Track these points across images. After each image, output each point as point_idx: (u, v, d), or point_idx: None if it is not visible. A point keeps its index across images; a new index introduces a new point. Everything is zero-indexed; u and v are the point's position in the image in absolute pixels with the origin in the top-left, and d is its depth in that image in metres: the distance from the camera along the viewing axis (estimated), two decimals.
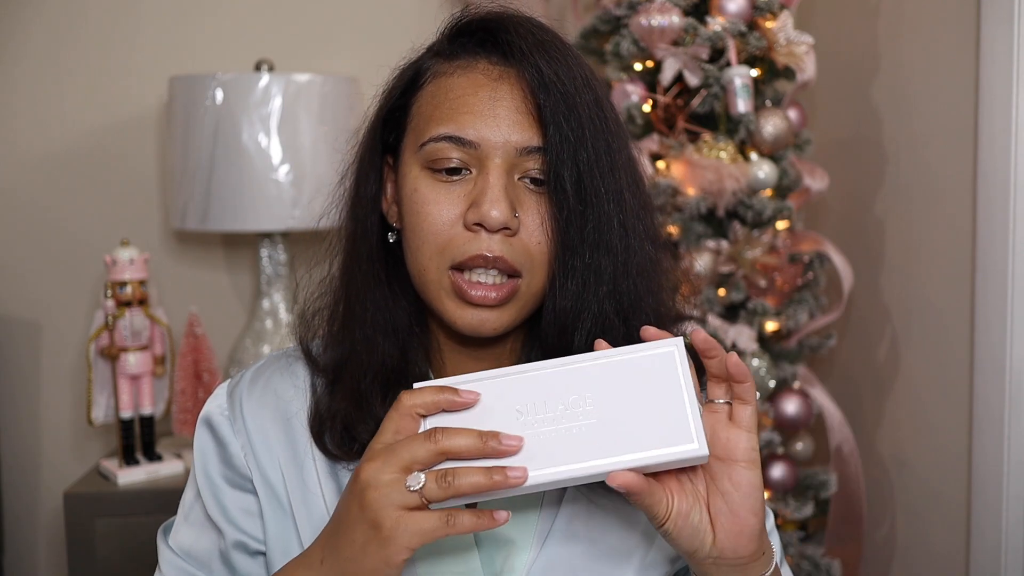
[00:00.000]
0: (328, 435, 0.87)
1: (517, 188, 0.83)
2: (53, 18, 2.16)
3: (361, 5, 2.27)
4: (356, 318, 0.87)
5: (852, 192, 2.13)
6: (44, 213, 2.19)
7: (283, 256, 2.09)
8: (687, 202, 1.77)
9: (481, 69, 0.84)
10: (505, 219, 0.80)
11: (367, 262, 0.88)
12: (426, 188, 0.83)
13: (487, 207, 0.80)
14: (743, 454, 0.74)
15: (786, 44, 1.82)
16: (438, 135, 0.82)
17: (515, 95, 0.83)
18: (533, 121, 0.82)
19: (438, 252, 0.82)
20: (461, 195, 0.82)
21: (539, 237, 0.83)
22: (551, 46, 0.83)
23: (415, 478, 0.70)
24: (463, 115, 0.82)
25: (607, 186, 0.82)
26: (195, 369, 1.97)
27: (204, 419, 0.92)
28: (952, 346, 1.81)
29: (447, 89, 0.84)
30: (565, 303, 0.83)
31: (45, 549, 2.23)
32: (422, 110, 0.86)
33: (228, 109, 1.91)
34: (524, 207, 0.83)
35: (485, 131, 0.82)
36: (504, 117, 0.82)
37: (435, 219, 0.82)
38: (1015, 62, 1.62)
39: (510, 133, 0.82)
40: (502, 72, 0.84)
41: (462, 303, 0.83)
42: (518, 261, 0.82)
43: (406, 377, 0.87)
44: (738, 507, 0.74)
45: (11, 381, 2.21)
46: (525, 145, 0.82)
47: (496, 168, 0.82)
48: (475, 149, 0.82)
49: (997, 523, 1.69)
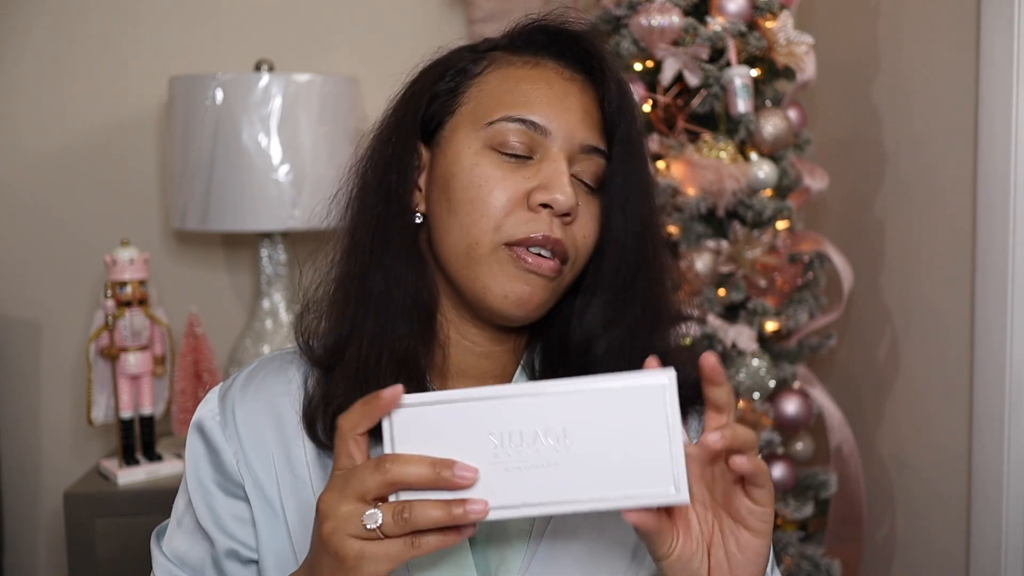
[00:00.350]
0: (320, 423, 0.86)
1: (573, 182, 0.86)
2: (53, 18, 2.16)
3: (361, 5, 2.27)
4: (373, 299, 0.86)
5: (852, 192, 2.13)
6: (44, 213, 2.19)
7: (283, 256, 2.09)
8: (687, 202, 1.77)
9: (552, 67, 0.88)
10: (571, 204, 0.83)
11: (398, 247, 0.87)
12: (489, 165, 0.85)
13: (557, 192, 0.83)
14: (756, 524, 0.72)
15: (786, 44, 1.82)
16: (510, 116, 0.84)
17: (586, 96, 0.87)
18: (598, 125, 0.87)
19: (494, 228, 0.83)
20: (525, 177, 0.84)
21: (587, 231, 0.86)
22: (613, 61, 0.88)
23: (372, 517, 0.68)
24: (535, 102, 0.85)
25: (648, 199, 0.88)
26: (195, 369, 1.97)
27: (196, 425, 0.91)
28: (952, 346, 1.81)
29: (517, 78, 0.87)
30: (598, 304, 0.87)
31: (45, 549, 2.23)
32: (486, 93, 0.87)
33: (228, 109, 1.91)
34: (579, 199, 0.86)
35: (555, 120, 0.85)
36: (574, 112, 0.86)
37: (497, 195, 0.84)
38: (1015, 62, 1.62)
39: (578, 128, 0.85)
40: (573, 76, 0.88)
41: (516, 273, 0.83)
42: (569, 248, 0.85)
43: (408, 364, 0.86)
44: (738, 569, 0.73)
45: (11, 381, 2.21)
46: (590, 144, 0.86)
47: (562, 157, 0.85)
48: (543, 136, 0.85)
49: (997, 523, 1.69)
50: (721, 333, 1.79)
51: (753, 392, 1.82)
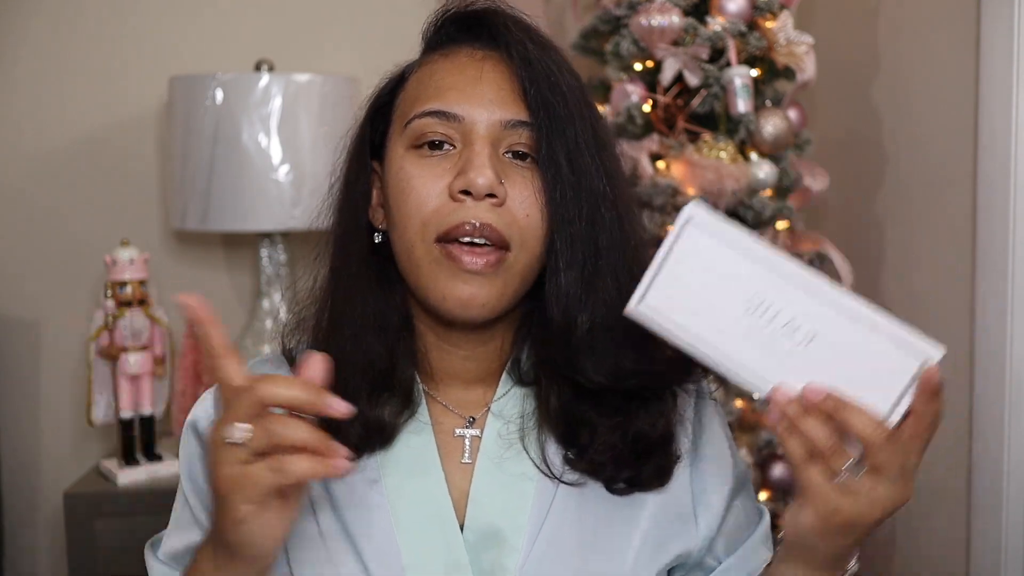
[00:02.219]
0: None
1: (503, 162, 0.83)
2: (53, 18, 2.16)
3: (361, 5, 2.27)
4: (346, 316, 0.87)
5: (852, 192, 2.13)
6: (44, 213, 2.19)
7: (283, 256, 2.09)
8: (687, 202, 1.77)
9: (465, 52, 0.87)
10: (490, 184, 0.80)
11: (357, 263, 0.88)
12: (411, 166, 0.84)
13: (473, 174, 0.80)
14: (823, 509, 0.73)
15: (786, 44, 1.82)
16: (422, 111, 0.84)
17: (499, 72, 0.85)
18: (518, 98, 0.84)
19: (423, 225, 0.82)
20: (446, 168, 0.83)
21: (528, 210, 0.83)
22: (534, 32, 0.86)
23: (237, 429, 0.66)
24: (447, 91, 0.84)
25: (596, 163, 0.84)
26: (195, 369, 1.97)
27: (190, 424, 0.91)
28: (952, 346, 1.80)
29: (431, 73, 0.86)
30: (569, 280, 0.83)
31: (45, 549, 2.23)
32: (406, 97, 0.87)
33: (228, 109, 1.91)
34: (511, 180, 0.83)
35: (469, 105, 0.83)
36: (489, 92, 0.83)
37: (420, 192, 0.82)
38: (1015, 62, 1.62)
39: (494, 107, 0.83)
40: (486, 54, 0.86)
41: (453, 273, 0.82)
42: (507, 232, 0.82)
43: (393, 378, 0.87)
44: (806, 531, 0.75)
45: (11, 381, 2.21)
46: (510, 119, 0.83)
47: (481, 140, 0.82)
48: (459, 123, 0.83)
49: (997, 523, 1.69)
50: None
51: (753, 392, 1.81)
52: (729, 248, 0.71)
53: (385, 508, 0.85)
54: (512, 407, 0.90)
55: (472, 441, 0.89)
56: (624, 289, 0.81)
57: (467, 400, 0.91)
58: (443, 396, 0.91)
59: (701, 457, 0.92)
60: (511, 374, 0.91)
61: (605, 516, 0.87)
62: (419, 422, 0.89)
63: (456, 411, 0.90)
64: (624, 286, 0.82)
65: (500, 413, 0.89)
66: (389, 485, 0.86)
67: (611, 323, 0.82)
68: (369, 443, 0.86)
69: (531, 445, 0.87)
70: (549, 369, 0.87)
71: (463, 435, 0.89)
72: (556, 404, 0.87)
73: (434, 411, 0.90)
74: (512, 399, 0.90)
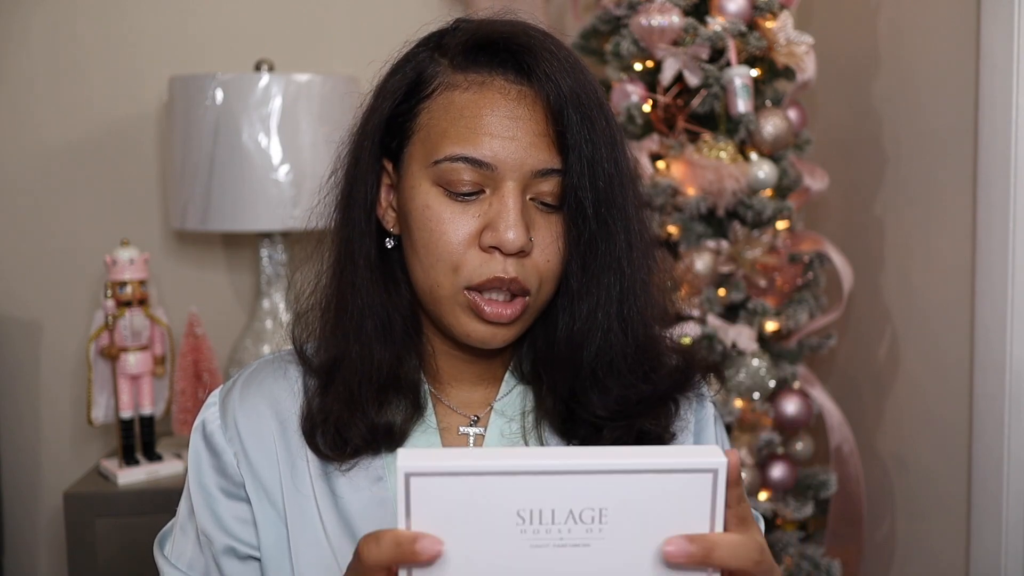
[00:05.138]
0: (320, 435, 0.87)
1: (529, 208, 0.83)
2: (53, 18, 2.16)
3: (361, 5, 2.27)
4: (351, 322, 0.87)
5: (852, 192, 2.13)
6: (44, 213, 2.19)
7: (283, 256, 2.10)
8: (687, 202, 1.77)
9: (498, 87, 0.82)
10: (522, 243, 0.80)
11: (364, 268, 0.87)
12: (439, 206, 0.82)
13: (504, 231, 0.80)
14: None
15: (786, 44, 1.82)
16: (454, 155, 0.81)
17: (535, 116, 0.81)
18: (551, 143, 0.81)
19: (452, 271, 0.82)
20: (475, 215, 0.82)
21: (549, 255, 0.83)
22: (569, 64, 0.82)
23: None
24: (480, 136, 0.80)
25: (619, 206, 0.83)
26: (195, 369, 1.97)
27: (199, 428, 0.92)
28: (952, 346, 1.81)
29: (462, 105, 0.82)
30: (580, 324, 0.84)
31: (45, 549, 2.23)
32: (434, 123, 0.83)
33: (228, 109, 1.91)
34: (536, 227, 0.83)
35: (502, 153, 0.80)
36: (522, 139, 0.81)
37: (450, 238, 0.82)
38: (1015, 62, 1.62)
39: (527, 155, 0.81)
40: (520, 91, 0.82)
41: (476, 319, 0.83)
42: (529, 281, 0.83)
43: (400, 382, 0.87)
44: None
45: (11, 381, 2.21)
46: (542, 167, 0.81)
47: (511, 190, 0.81)
48: (492, 171, 0.81)
49: (997, 523, 1.69)
50: (721, 333, 1.79)
51: (753, 392, 1.82)
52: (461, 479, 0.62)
53: (389, 505, 0.85)
54: (514, 405, 0.91)
55: (476, 439, 0.90)
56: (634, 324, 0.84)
57: (471, 400, 0.92)
58: (448, 397, 0.91)
59: None
60: (514, 373, 0.92)
61: None
62: (425, 422, 0.90)
63: (460, 411, 0.91)
64: (634, 321, 0.85)
65: (503, 411, 0.91)
66: (393, 483, 0.86)
67: (618, 358, 0.85)
68: (375, 446, 0.87)
69: (533, 442, 0.88)
70: (548, 368, 0.88)
71: (467, 433, 0.90)
72: (553, 402, 0.88)
73: (439, 411, 0.91)
74: (514, 397, 0.92)
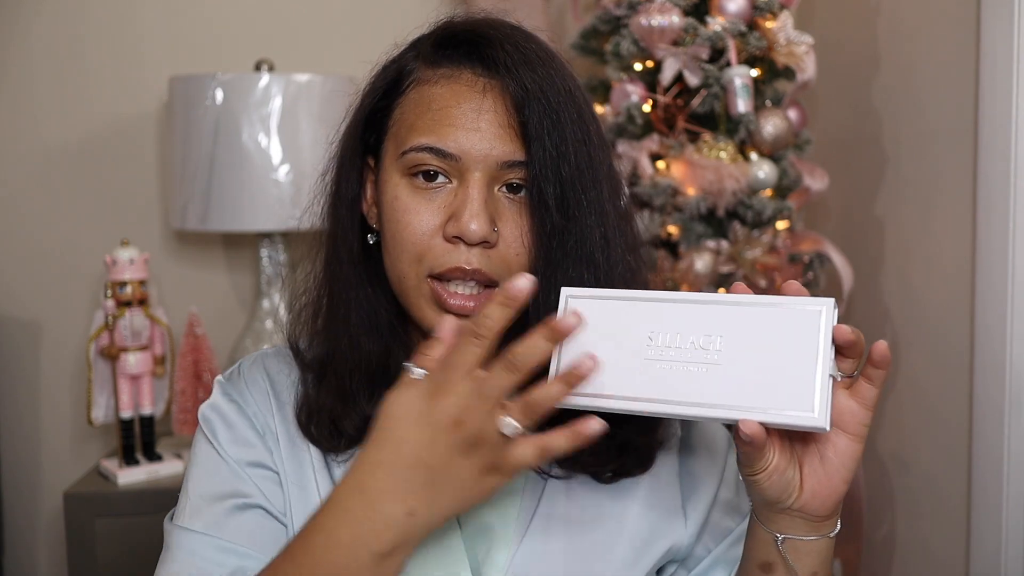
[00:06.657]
0: (315, 427, 0.88)
1: (496, 199, 0.84)
2: (53, 18, 2.16)
3: (361, 5, 2.27)
4: (339, 317, 0.89)
5: (852, 192, 2.13)
6: (44, 213, 2.19)
7: (283, 256, 2.10)
8: (687, 202, 1.77)
9: (465, 80, 0.84)
10: (484, 233, 0.81)
11: (348, 263, 0.89)
12: (406, 196, 0.84)
13: (466, 221, 0.81)
14: (856, 428, 0.74)
15: (786, 44, 1.82)
16: (419, 145, 0.83)
17: (499, 108, 0.83)
18: (516, 135, 0.83)
19: (416, 260, 0.84)
20: (441, 205, 0.83)
21: (517, 248, 0.84)
22: (536, 58, 0.84)
23: (509, 426, 0.67)
24: (445, 127, 0.83)
25: (589, 199, 0.83)
26: (195, 369, 1.97)
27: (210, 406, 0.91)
28: (952, 346, 1.81)
29: (430, 98, 0.85)
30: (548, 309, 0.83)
31: (45, 549, 2.23)
32: (404, 117, 0.86)
33: (228, 109, 1.91)
34: (503, 218, 0.84)
35: (467, 144, 0.82)
36: (486, 130, 0.82)
37: (414, 228, 0.83)
38: (1015, 62, 1.62)
39: (492, 146, 0.82)
40: (486, 84, 0.84)
41: (441, 311, 0.84)
42: (495, 272, 0.83)
43: (390, 374, 0.87)
44: (834, 473, 0.74)
45: (11, 381, 2.21)
46: (507, 159, 0.83)
47: (476, 181, 0.82)
48: (456, 161, 0.82)
49: (997, 523, 1.69)
50: None
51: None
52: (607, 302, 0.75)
53: None
54: None
55: None
56: None
57: None
58: None
59: (691, 448, 0.94)
60: None
61: (595, 508, 0.89)
62: None
63: None
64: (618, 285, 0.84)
65: None
66: None
67: None
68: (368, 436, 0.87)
69: None
70: None
71: None
72: None
73: None
74: None
